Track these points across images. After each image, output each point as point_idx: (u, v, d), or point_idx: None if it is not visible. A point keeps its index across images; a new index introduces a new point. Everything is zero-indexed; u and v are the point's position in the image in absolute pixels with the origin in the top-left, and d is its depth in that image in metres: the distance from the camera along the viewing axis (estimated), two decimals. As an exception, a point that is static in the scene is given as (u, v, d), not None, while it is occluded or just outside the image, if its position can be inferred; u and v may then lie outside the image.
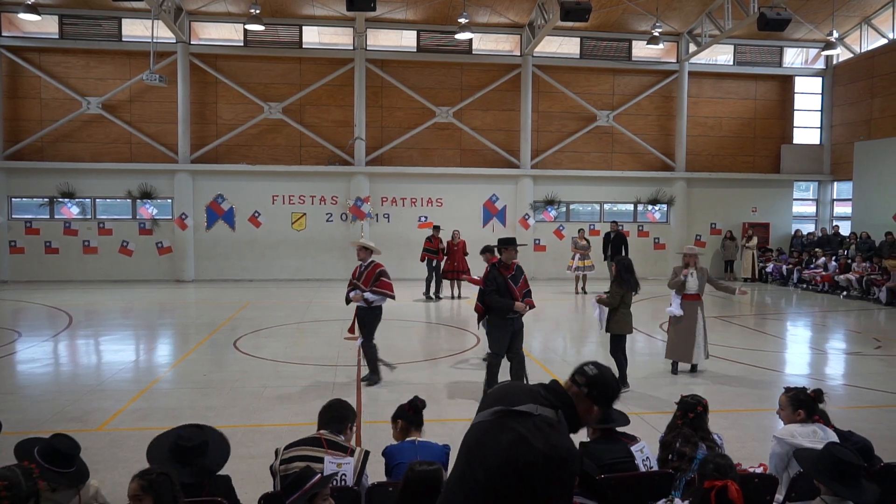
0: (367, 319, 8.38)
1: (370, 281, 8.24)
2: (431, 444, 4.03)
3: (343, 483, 3.60)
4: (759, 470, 4.09)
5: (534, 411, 2.34)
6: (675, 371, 9.08)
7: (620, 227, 18.96)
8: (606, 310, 8.33)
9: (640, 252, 20.38)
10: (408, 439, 4.06)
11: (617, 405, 4.17)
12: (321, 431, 3.83)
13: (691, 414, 4.02)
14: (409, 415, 4.11)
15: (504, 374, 7.68)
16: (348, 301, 8.43)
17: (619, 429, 4.01)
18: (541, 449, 2.24)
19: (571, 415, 2.42)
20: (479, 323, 8.08)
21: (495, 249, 8.10)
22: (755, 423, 7.01)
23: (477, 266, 13.49)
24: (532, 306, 7.64)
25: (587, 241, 17.97)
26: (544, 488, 2.23)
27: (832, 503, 3.23)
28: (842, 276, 17.54)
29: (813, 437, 3.98)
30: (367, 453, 3.83)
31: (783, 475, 3.95)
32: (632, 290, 8.25)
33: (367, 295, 8.20)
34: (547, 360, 9.87)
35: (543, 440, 2.27)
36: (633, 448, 3.88)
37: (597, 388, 2.44)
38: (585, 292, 17.39)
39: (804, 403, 4.16)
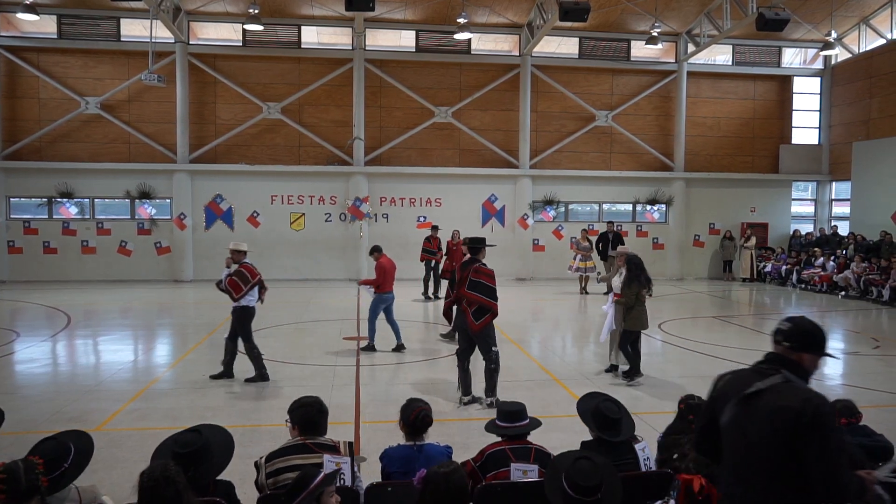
0: (237, 321, 8.33)
1: (231, 284, 8.25)
2: (433, 447, 3.96)
3: (342, 482, 3.58)
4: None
5: (763, 386, 2.57)
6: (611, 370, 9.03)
7: (618, 228, 18.95)
8: (613, 309, 8.49)
9: (638, 252, 20.30)
10: (407, 443, 4.00)
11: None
12: (302, 437, 3.76)
13: None
14: (410, 421, 4.01)
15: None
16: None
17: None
18: (794, 406, 2.45)
19: (796, 370, 2.65)
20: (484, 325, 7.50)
21: (471, 249, 7.68)
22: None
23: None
24: None
25: (589, 241, 17.92)
26: (817, 439, 2.42)
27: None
28: (840, 276, 17.54)
29: None
30: (351, 445, 3.82)
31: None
32: (644, 286, 8.40)
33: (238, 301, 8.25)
34: (545, 360, 9.87)
35: (791, 398, 2.49)
36: (636, 447, 3.87)
37: (796, 337, 2.70)
38: (587, 293, 17.38)
39: None
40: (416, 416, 3.97)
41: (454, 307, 7.82)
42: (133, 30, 19.22)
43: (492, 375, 7.43)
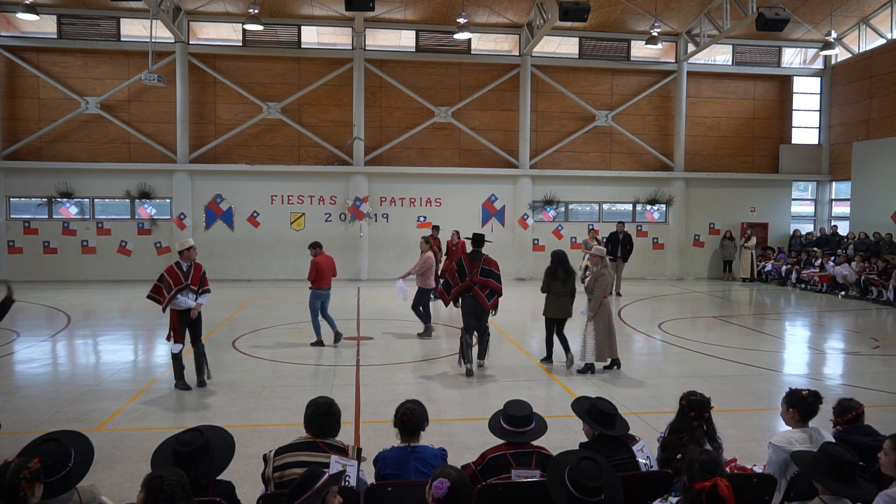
0: (199, 322, 8.33)
1: (198, 281, 8.26)
2: (426, 449, 3.94)
3: (347, 484, 3.58)
4: (759, 469, 4.08)
5: None
6: (614, 366, 9.31)
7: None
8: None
9: (638, 252, 20.37)
10: (401, 444, 3.98)
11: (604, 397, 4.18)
12: (312, 435, 3.77)
13: (706, 414, 3.99)
14: (396, 420, 3.99)
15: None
16: (166, 308, 8.18)
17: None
18: None
19: None
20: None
21: (476, 242, 9.20)
22: (753, 422, 7.02)
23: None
24: None
25: (598, 241, 17.80)
26: None
27: (830, 502, 3.24)
28: (840, 267, 17.49)
29: (809, 443, 3.95)
30: (359, 450, 3.82)
31: (781, 481, 3.93)
32: (558, 279, 9.28)
33: (201, 300, 8.26)
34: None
35: None
36: (633, 448, 3.87)
37: None
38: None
39: (796, 403, 4.15)
40: (397, 416, 3.98)
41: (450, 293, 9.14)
42: (133, 30, 19.22)
43: (486, 344, 9.02)
